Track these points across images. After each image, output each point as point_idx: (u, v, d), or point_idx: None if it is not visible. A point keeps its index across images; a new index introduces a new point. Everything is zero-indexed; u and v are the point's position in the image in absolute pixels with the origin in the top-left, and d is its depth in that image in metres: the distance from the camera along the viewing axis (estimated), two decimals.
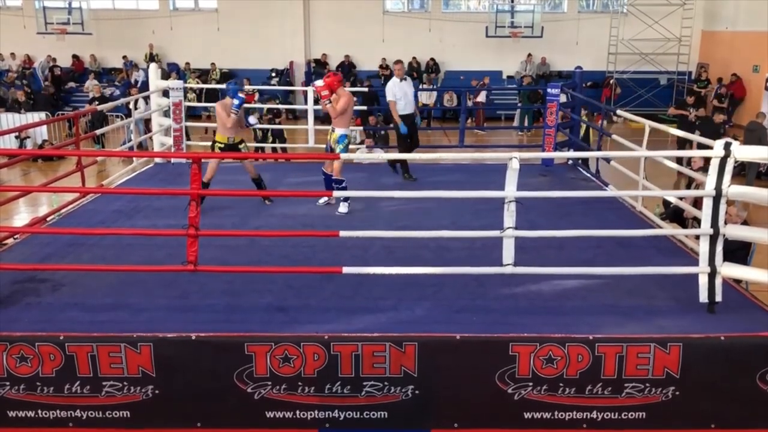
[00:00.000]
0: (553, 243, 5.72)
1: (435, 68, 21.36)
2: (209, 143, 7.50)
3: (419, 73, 21.05)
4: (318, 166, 7.40)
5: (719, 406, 4.41)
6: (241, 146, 7.22)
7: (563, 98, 9.56)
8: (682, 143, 12.43)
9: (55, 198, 9.41)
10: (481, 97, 19.08)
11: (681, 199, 6.74)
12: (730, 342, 4.35)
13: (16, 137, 14.99)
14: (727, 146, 4.62)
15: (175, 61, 21.52)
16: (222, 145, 7.05)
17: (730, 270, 4.83)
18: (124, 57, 21.54)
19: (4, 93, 19.24)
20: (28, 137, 15.52)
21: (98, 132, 9.67)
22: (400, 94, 8.48)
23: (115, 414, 4.41)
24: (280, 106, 15.40)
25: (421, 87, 19.91)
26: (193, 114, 18.11)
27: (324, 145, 7.42)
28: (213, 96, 19.46)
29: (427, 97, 19.85)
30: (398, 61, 8.86)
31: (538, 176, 8.61)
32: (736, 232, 5.01)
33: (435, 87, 20.40)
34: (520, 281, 5.12)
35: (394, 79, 8.59)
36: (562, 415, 4.41)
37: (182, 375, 4.37)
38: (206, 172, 6.84)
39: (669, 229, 6.54)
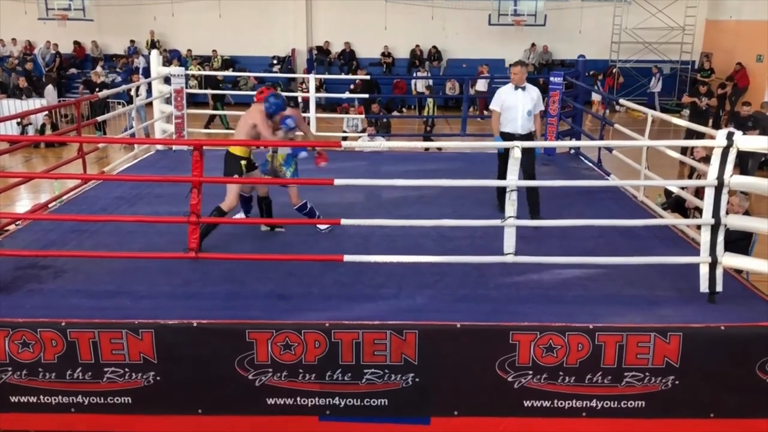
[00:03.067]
0: (554, 232, 5.72)
1: (437, 56, 21.28)
2: (209, 130, 7.06)
3: (421, 61, 20.98)
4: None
5: (718, 396, 4.42)
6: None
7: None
8: (690, 133, 12.36)
9: (57, 185, 9.41)
10: (482, 86, 19.01)
11: (683, 188, 6.73)
12: (730, 332, 4.36)
13: (18, 123, 14.97)
14: (730, 136, 4.62)
15: (177, 48, 21.45)
16: (245, 161, 5.81)
17: (731, 260, 4.83)
18: (132, 41, 21.40)
19: (5, 79, 19.18)
20: (30, 124, 15.49)
21: (99, 119, 9.66)
22: (509, 104, 6.50)
23: (117, 400, 4.43)
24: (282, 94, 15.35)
25: (416, 75, 19.88)
26: (194, 101, 18.07)
27: (330, 134, 7.28)
28: (215, 83, 19.43)
29: (422, 85, 19.84)
30: (516, 63, 6.63)
31: (539, 165, 8.59)
32: (737, 222, 5.01)
33: (436, 75, 20.36)
34: (521, 270, 5.13)
35: (508, 86, 6.60)
36: (561, 404, 4.43)
37: (183, 362, 4.39)
38: (232, 199, 5.72)
39: (670, 219, 6.53)
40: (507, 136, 6.40)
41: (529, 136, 6.48)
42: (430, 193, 6.88)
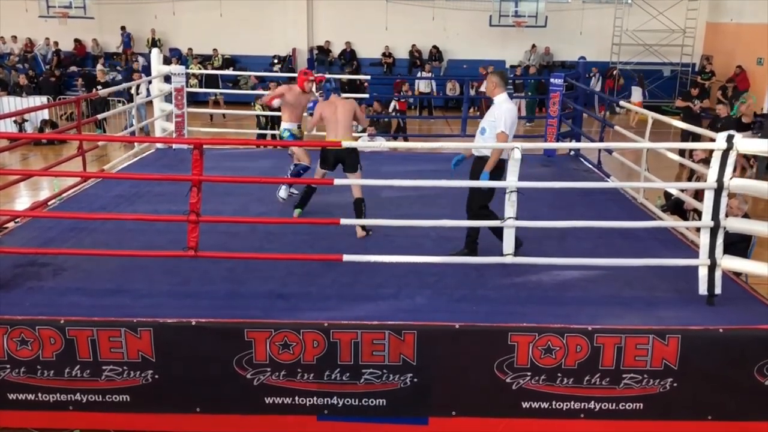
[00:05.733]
0: (553, 233, 5.71)
1: (438, 56, 21.27)
2: (209, 129, 7.31)
3: (422, 61, 20.98)
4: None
5: (716, 398, 4.43)
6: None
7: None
8: (686, 135, 12.36)
9: (57, 182, 9.41)
10: (484, 87, 19.01)
11: (682, 190, 6.73)
12: (729, 334, 4.36)
13: (14, 121, 14.95)
14: (730, 139, 4.62)
15: (178, 47, 21.44)
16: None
17: (730, 262, 4.83)
18: (123, 27, 21.25)
19: (5, 76, 19.17)
20: (27, 121, 15.48)
21: (100, 117, 9.65)
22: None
23: (115, 398, 4.43)
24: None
25: (420, 75, 19.87)
26: (195, 100, 18.07)
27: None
28: (216, 82, 19.41)
29: (425, 86, 19.82)
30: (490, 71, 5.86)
31: (539, 167, 8.60)
32: (736, 224, 5.01)
33: (436, 75, 20.34)
34: (520, 271, 5.13)
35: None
36: (559, 405, 4.43)
37: (182, 360, 4.39)
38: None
39: (670, 221, 6.53)
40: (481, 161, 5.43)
41: (479, 162, 5.42)
42: (430, 193, 6.87)
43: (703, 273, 4.75)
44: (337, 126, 6.18)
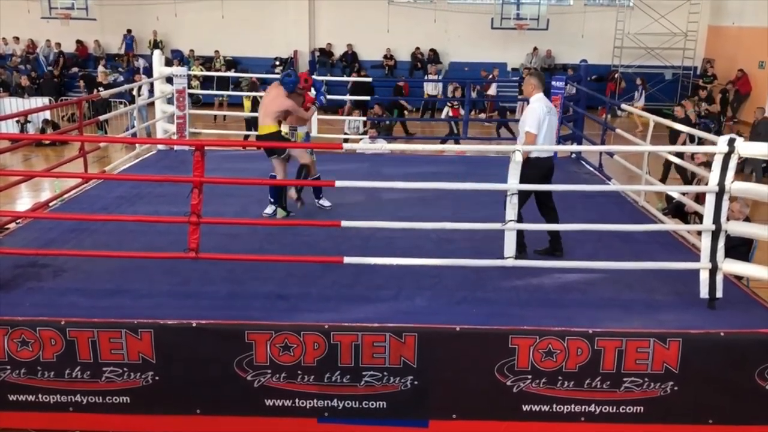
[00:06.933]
0: None
1: (435, 59, 21.23)
2: (210, 131, 7.20)
3: (423, 63, 20.98)
4: (321, 156, 7.36)
5: (717, 402, 4.42)
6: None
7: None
8: (690, 138, 12.36)
9: (58, 183, 9.41)
10: (492, 90, 19.02)
11: (683, 194, 6.72)
12: (730, 338, 4.36)
13: (17, 122, 14.97)
14: (731, 142, 4.61)
15: (179, 48, 21.48)
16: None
17: (732, 266, 4.83)
18: (128, 30, 21.30)
19: (7, 77, 19.19)
20: (29, 122, 15.49)
21: (101, 118, 9.66)
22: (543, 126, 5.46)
23: (115, 399, 4.43)
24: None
25: (426, 78, 19.86)
26: (197, 101, 18.08)
27: (331, 136, 7.29)
28: (222, 83, 19.40)
29: (433, 88, 19.81)
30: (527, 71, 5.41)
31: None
32: (738, 228, 5.00)
33: (440, 78, 20.35)
34: (520, 274, 5.12)
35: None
36: (560, 408, 4.43)
37: (182, 362, 4.38)
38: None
39: (671, 225, 6.53)
40: (534, 162, 5.40)
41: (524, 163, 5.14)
42: (431, 195, 6.87)
43: (704, 276, 4.75)
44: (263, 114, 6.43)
